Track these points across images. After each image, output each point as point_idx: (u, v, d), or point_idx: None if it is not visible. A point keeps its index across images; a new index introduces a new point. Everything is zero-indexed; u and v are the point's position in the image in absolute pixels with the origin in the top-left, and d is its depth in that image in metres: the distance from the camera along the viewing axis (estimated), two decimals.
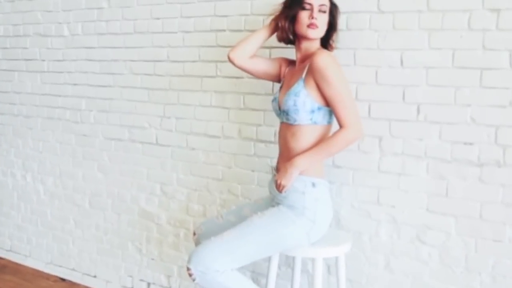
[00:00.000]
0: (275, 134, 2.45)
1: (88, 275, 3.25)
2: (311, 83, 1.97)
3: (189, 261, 1.95)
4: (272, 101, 2.16)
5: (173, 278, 2.90)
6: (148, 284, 3.00)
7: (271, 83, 2.40)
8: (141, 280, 3.02)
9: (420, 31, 2.07)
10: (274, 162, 2.44)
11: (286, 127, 2.06)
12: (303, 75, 2.00)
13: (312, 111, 1.97)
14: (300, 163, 1.97)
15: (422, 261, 2.16)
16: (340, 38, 2.17)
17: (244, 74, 2.44)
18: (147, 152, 2.92)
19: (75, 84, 3.18)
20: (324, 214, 2.02)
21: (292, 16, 2.01)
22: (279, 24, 2.06)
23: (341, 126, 1.94)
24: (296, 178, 1.98)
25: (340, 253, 2.08)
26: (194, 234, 2.30)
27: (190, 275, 1.94)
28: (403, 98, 2.12)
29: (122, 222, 3.07)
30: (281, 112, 2.07)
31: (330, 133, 2.03)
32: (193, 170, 2.76)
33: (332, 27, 2.07)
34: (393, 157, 2.17)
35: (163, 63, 2.80)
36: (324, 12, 2.00)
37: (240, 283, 1.95)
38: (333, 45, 2.12)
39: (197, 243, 2.25)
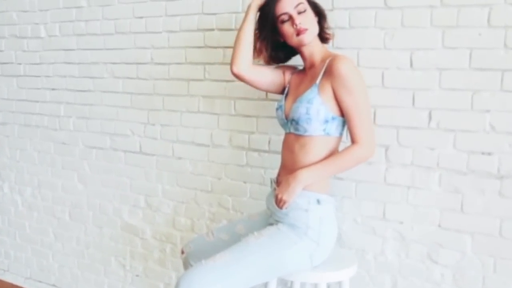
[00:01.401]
0: (269, 142, 2.19)
1: None
2: (327, 90, 1.70)
3: (177, 286, 1.67)
4: (277, 109, 1.87)
5: None
6: None
7: None
8: None
9: (432, 28, 1.80)
10: (268, 173, 2.18)
11: (294, 138, 1.77)
12: (317, 81, 1.73)
13: (326, 121, 1.69)
14: (304, 177, 1.69)
15: (434, 282, 1.90)
16: (343, 36, 1.92)
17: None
18: (130, 161, 2.64)
19: (53, 89, 2.88)
20: (329, 234, 1.74)
21: (271, 34, 1.79)
22: (257, 47, 1.84)
23: (353, 141, 1.70)
24: (299, 194, 1.70)
25: (345, 277, 1.79)
26: (182, 252, 2.02)
27: None
28: (413, 103, 1.87)
29: (104, 235, 2.77)
30: (289, 121, 1.78)
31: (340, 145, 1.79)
32: (180, 181, 2.48)
33: (318, 15, 1.81)
34: (402, 168, 1.91)
35: (146, 65, 2.52)
36: (304, 10, 1.74)
37: None
38: (329, 32, 1.86)
39: (186, 262, 1.99)
